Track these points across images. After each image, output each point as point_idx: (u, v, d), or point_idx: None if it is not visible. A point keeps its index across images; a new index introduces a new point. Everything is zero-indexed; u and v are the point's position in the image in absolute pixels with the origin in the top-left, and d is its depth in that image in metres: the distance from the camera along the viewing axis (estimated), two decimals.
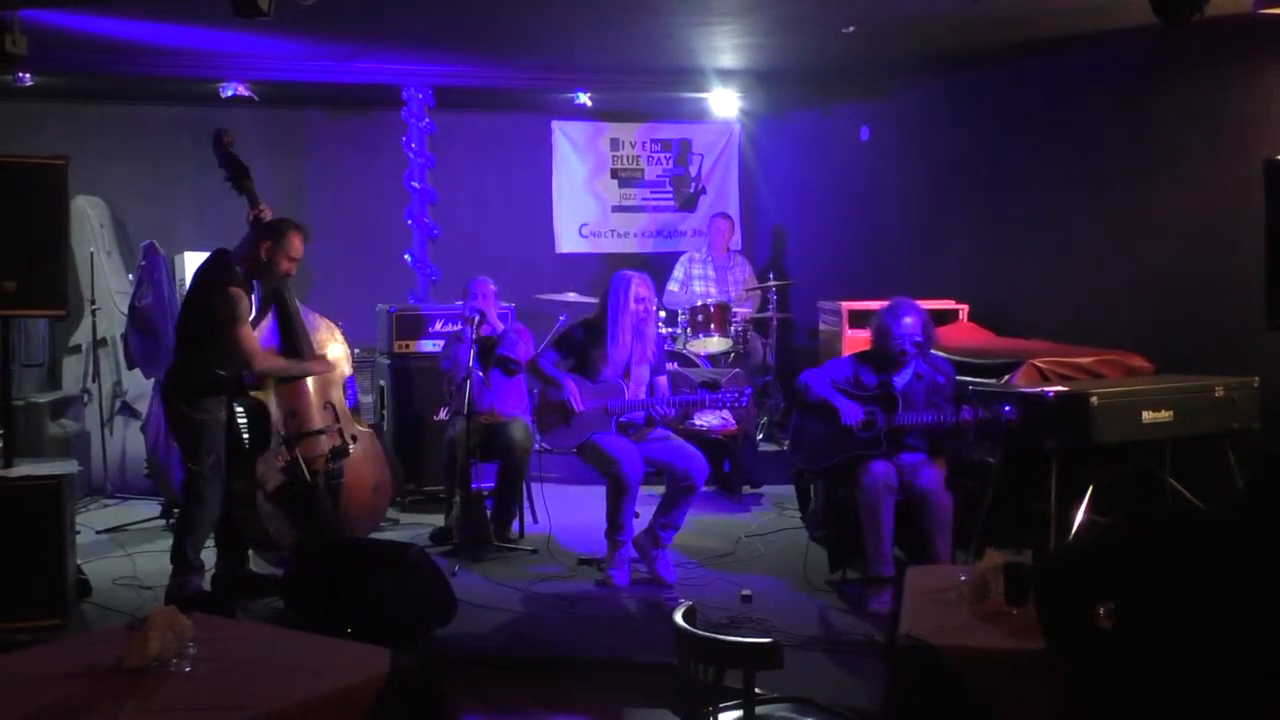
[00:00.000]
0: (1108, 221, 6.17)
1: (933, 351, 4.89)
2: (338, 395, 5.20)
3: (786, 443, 5.82)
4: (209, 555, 4.81)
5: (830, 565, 5.03)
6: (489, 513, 5.63)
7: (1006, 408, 4.48)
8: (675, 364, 6.93)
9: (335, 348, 5.20)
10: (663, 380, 5.30)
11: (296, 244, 4.72)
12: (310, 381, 5.03)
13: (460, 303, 6.10)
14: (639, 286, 5.15)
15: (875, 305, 6.79)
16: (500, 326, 5.85)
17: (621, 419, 5.15)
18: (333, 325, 5.26)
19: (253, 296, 4.73)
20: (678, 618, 2.77)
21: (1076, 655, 2.12)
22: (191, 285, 4.76)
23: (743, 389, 5.04)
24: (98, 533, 5.86)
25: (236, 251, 4.69)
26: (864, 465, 4.70)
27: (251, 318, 4.76)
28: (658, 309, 5.35)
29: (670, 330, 7.39)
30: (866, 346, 5.00)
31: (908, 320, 4.75)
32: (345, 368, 5.23)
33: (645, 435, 5.17)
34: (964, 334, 6.24)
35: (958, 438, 4.71)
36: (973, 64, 6.88)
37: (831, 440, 4.81)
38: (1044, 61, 6.45)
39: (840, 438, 4.78)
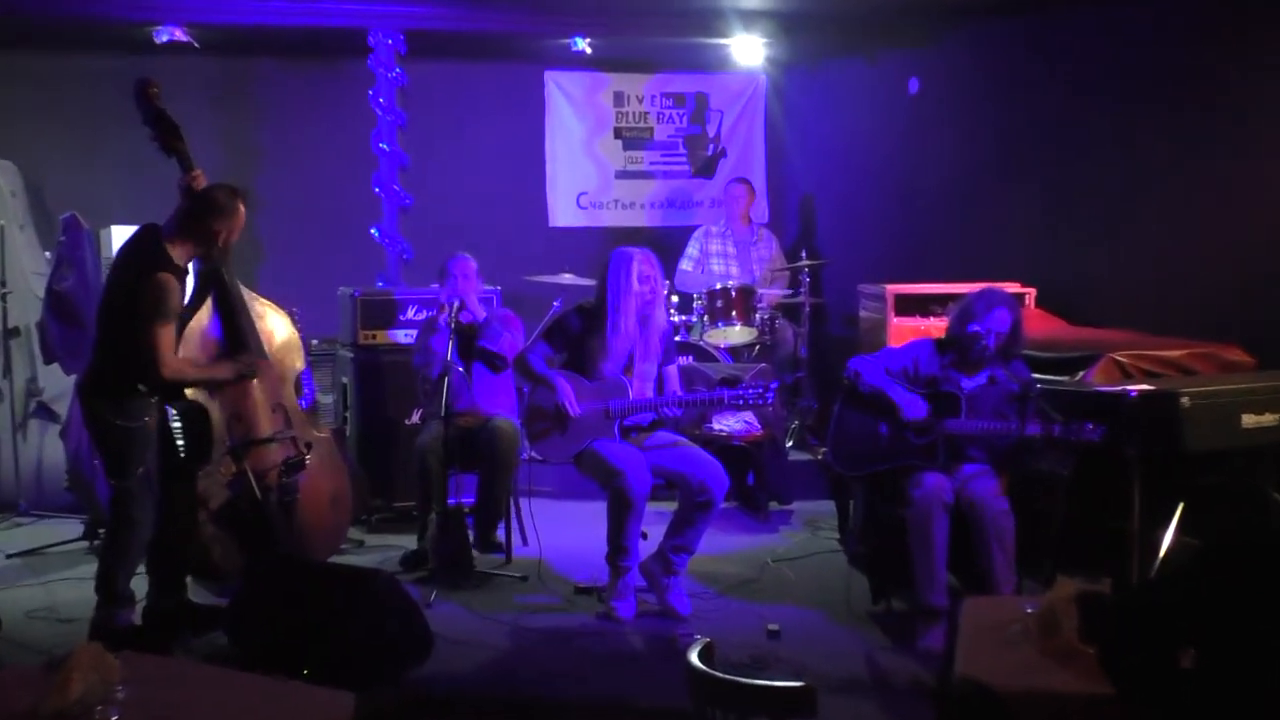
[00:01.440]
0: (1202, 191, 6.14)
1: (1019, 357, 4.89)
2: (290, 395, 5.20)
3: (822, 451, 5.81)
4: (140, 584, 4.81)
5: (872, 594, 5.03)
6: (470, 533, 5.64)
7: (1089, 426, 4.46)
8: (690, 358, 6.94)
9: (285, 337, 5.21)
10: (673, 372, 5.30)
11: (241, 215, 4.71)
12: (256, 380, 5.04)
13: (436, 286, 6.10)
14: (642, 264, 5.15)
15: (925, 289, 6.88)
16: (482, 314, 5.85)
17: (625, 422, 5.15)
18: (284, 312, 5.26)
19: (185, 284, 4.69)
20: (692, 656, 2.77)
21: (1154, 702, 2.11)
22: (115, 265, 4.68)
23: (768, 383, 5.01)
24: (8, 557, 5.87)
25: (168, 226, 4.64)
26: (914, 476, 4.70)
27: (186, 305, 4.75)
28: (666, 290, 5.34)
29: (683, 319, 7.39)
30: (916, 336, 5.00)
31: (1000, 313, 4.75)
32: (298, 362, 5.23)
33: (650, 436, 5.17)
34: (1031, 322, 6.18)
35: (1025, 452, 4.70)
36: (1043, 6, 6.86)
37: (880, 442, 4.81)
38: (1127, 5, 6.42)
39: (890, 440, 4.79)
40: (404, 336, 6.42)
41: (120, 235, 6.60)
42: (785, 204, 9.08)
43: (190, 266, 4.78)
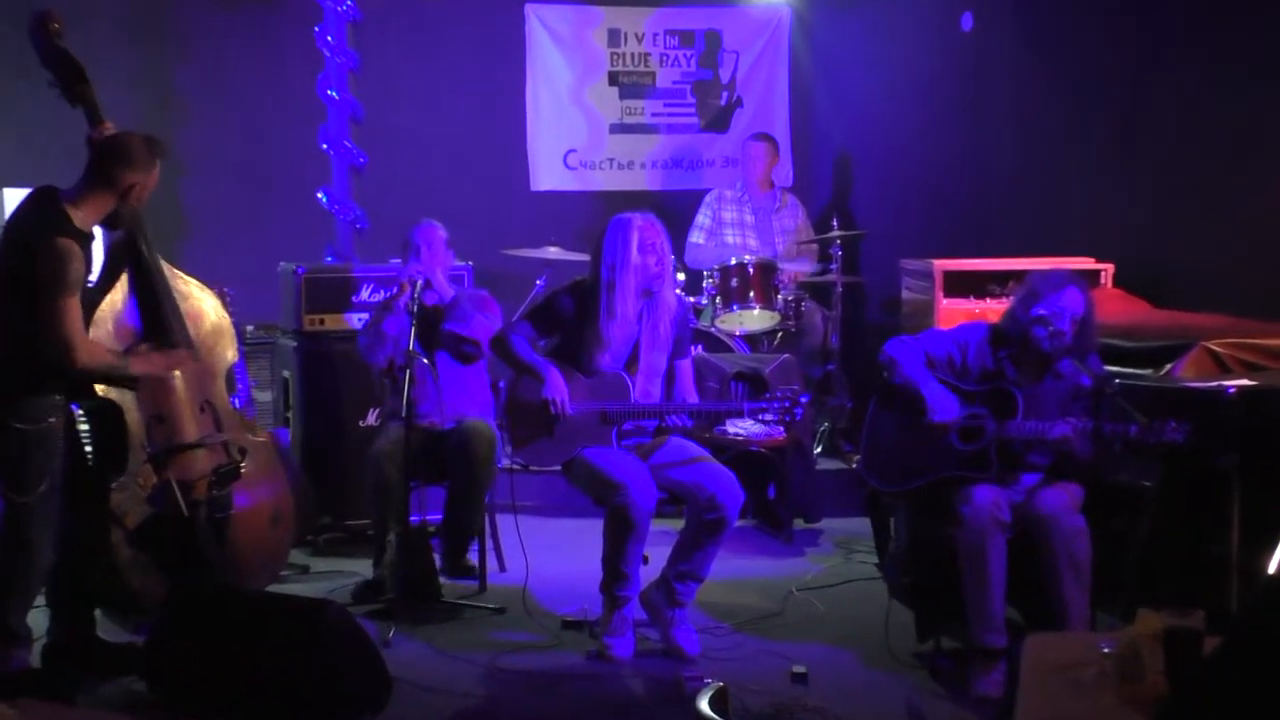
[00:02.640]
0: None
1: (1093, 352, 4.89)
2: (221, 392, 5.20)
3: (856, 459, 5.81)
4: (39, 618, 4.80)
5: (918, 631, 5.03)
6: (436, 556, 5.64)
7: (1172, 424, 4.45)
8: (699, 346, 6.94)
9: (214, 322, 5.19)
10: (687, 368, 5.29)
11: (156, 170, 4.68)
12: (180, 375, 5.03)
13: (397, 261, 6.10)
14: (644, 231, 5.13)
15: (980, 265, 6.87)
16: (451, 293, 5.84)
17: (625, 427, 5.15)
18: (213, 293, 5.25)
19: (90, 254, 4.67)
20: (702, 704, 2.76)
21: None
22: (4, 235, 4.67)
23: (797, 395, 4.99)
24: None
25: (71, 190, 4.61)
26: (964, 491, 4.69)
27: (94, 284, 4.74)
28: (674, 264, 5.32)
29: (693, 300, 7.39)
30: (970, 320, 4.99)
31: (1071, 294, 4.74)
32: (230, 353, 5.21)
33: (655, 449, 5.16)
34: (1107, 305, 6.19)
35: (1099, 459, 4.70)
36: None
37: (921, 450, 4.81)
38: None
39: (933, 447, 4.78)
40: (357, 321, 6.41)
41: (11, 199, 6.61)
42: (813, 164, 9.06)
43: (100, 237, 4.77)
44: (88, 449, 4.86)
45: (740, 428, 6.55)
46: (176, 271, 5.17)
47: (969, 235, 7.57)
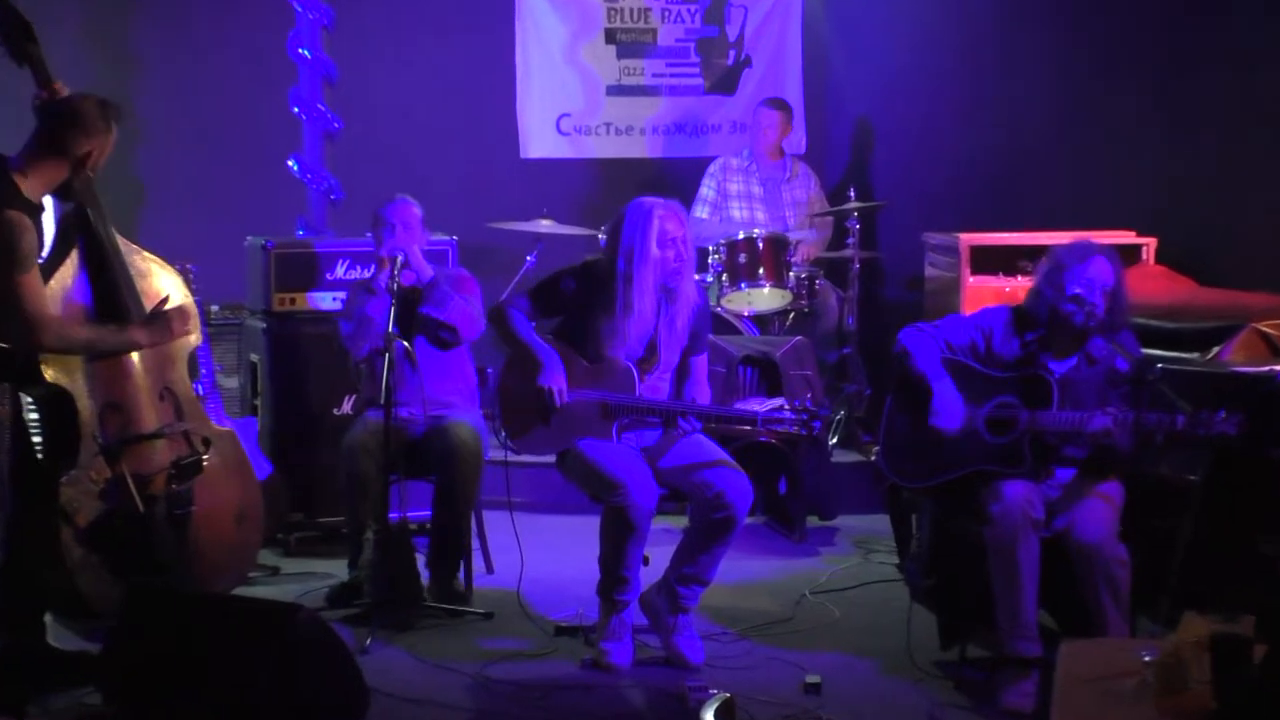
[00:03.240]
0: None
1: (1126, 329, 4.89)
2: (182, 378, 5.19)
3: (875, 450, 5.80)
4: None
5: (942, 638, 5.03)
6: (419, 556, 5.64)
7: (1222, 414, 4.44)
8: None
9: (176, 303, 5.15)
10: (702, 365, 5.31)
11: (113, 135, 4.67)
12: (138, 359, 5.01)
13: (370, 236, 6.08)
14: (665, 221, 5.11)
15: (1010, 239, 6.85)
16: (429, 272, 5.81)
17: (624, 420, 5.16)
18: (174, 270, 5.24)
19: (41, 227, 4.66)
20: (707, 717, 2.76)
21: None
22: None
23: (817, 407, 4.98)
24: None
25: (18, 157, 4.61)
26: (993, 486, 4.69)
27: (43, 259, 4.72)
28: (693, 256, 5.33)
29: (697, 279, 7.36)
30: (999, 301, 4.98)
31: (1099, 265, 4.73)
32: (193, 335, 5.19)
33: (669, 446, 5.16)
34: (1149, 283, 6.21)
35: (1139, 451, 4.69)
36: None
37: (945, 443, 4.81)
38: None
39: (959, 440, 4.78)
40: (331, 301, 6.41)
41: None
42: (829, 129, 9.03)
43: (50, 208, 4.75)
44: (36, 440, 4.86)
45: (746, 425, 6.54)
46: (134, 247, 5.15)
47: (998, 207, 7.56)
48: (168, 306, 5.07)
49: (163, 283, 5.20)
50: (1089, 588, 4.63)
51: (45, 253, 4.81)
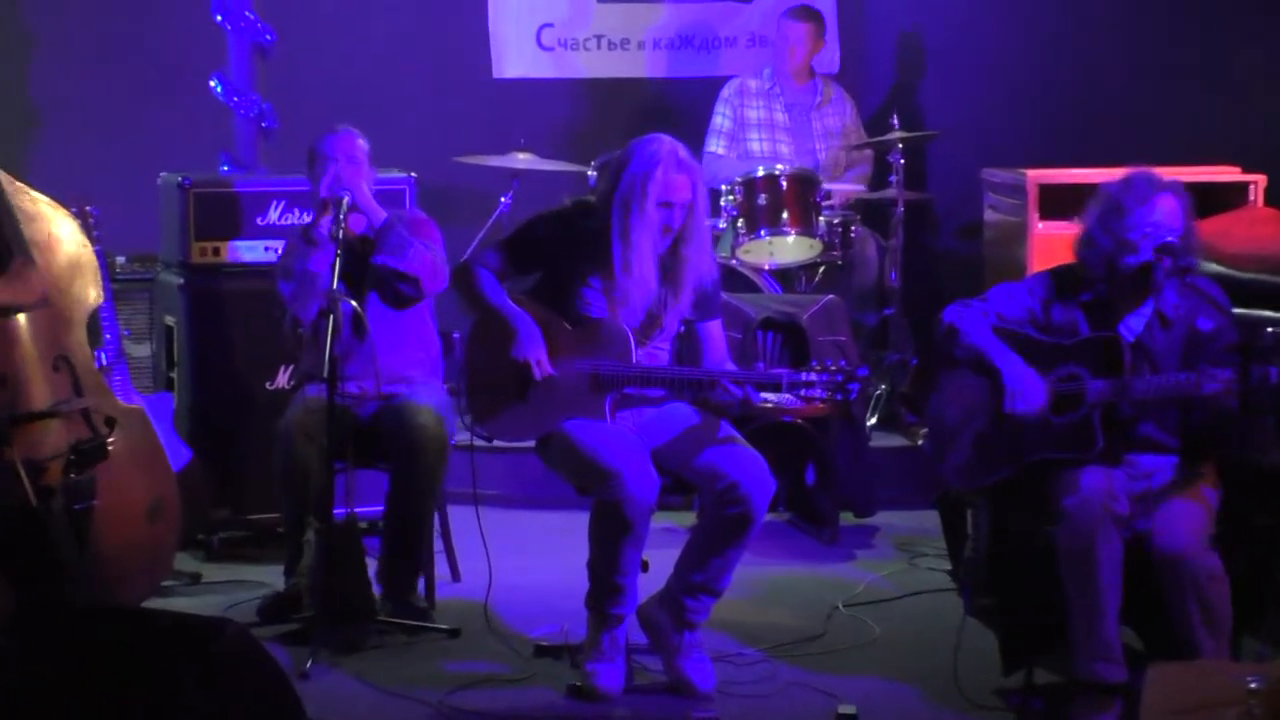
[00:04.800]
0: None
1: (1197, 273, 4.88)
2: (81, 345, 5.18)
3: (923, 432, 5.80)
4: None
5: (1003, 660, 5.02)
6: (371, 562, 5.65)
7: None
8: None
9: (72, 253, 5.16)
10: (716, 332, 5.32)
11: None
12: (25, 321, 5.01)
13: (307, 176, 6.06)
14: (669, 169, 5.08)
15: (1086, 176, 6.79)
16: (382, 214, 5.79)
17: (623, 393, 5.16)
18: (70, 213, 5.22)
19: None
20: None
21: None
22: None
23: (853, 368, 4.97)
24: None
25: None
26: (1067, 476, 4.69)
27: None
28: (707, 215, 5.32)
29: (709, 224, 7.35)
30: (1066, 259, 4.97)
31: (1164, 202, 4.73)
32: (93, 293, 5.18)
33: (654, 421, 5.16)
34: (1258, 228, 6.23)
35: (1240, 431, 4.70)
36: None
37: (1003, 432, 4.81)
38: None
39: (1021, 428, 4.77)
40: (263, 251, 6.41)
41: None
42: (867, 45, 9.00)
43: None
44: None
45: (770, 393, 6.52)
46: (20, 185, 5.15)
47: (1073, 138, 7.55)
48: (61, 258, 5.06)
49: (56, 228, 5.19)
50: (1175, 607, 4.62)
51: None
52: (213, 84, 7.57)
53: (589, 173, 7.27)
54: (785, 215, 7.26)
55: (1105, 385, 4.69)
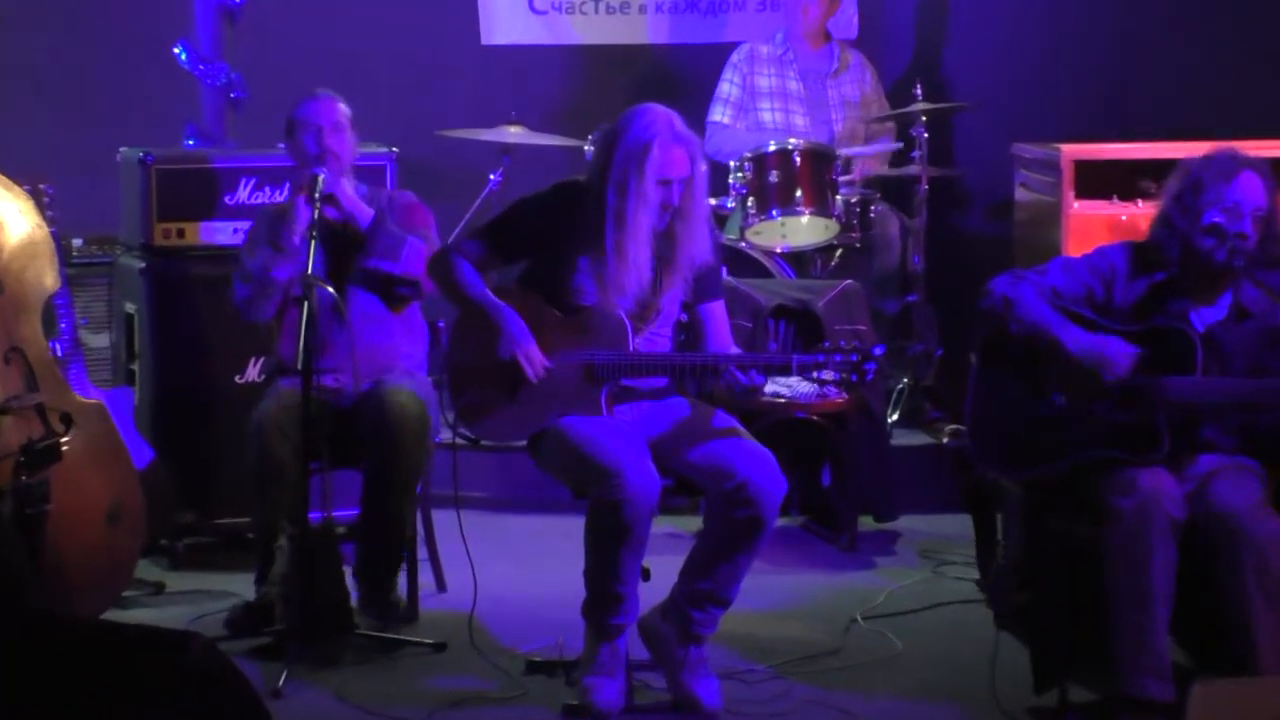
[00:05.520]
0: None
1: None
2: (35, 335, 5.20)
3: (949, 430, 5.81)
4: None
5: (1036, 678, 5.01)
6: (349, 568, 5.66)
7: None
8: (724, 269, 6.89)
9: (24, 235, 5.18)
10: (720, 314, 5.32)
11: None
12: None
13: (285, 147, 6.07)
14: (665, 146, 5.08)
15: (1128, 151, 6.80)
16: (369, 213, 5.77)
17: (621, 385, 5.17)
18: (22, 192, 5.24)
19: None
20: None
21: None
22: None
23: (868, 347, 4.98)
24: None
25: None
26: (1121, 476, 4.70)
27: None
28: (708, 192, 5.33)
29: (715, 203, 7.37)
30: (1111, 238, 4.97)
31: (1247, 182, 4.73)
32: (48, 278, 5.20)
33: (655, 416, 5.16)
34: None
35: None
36: None
37: (1053, 422, 4.81)
38: None
39: (1073, 416, 4.78)
40: (232, 233, 6.42)
41: None
42: (888, 7, 9.00)
43: None
44: None
45: (781, 385, 6.54)
46: None
47: (1112, 109, 7.54)
48: (13, 240, 5.07)
49: (7, 209, 5.19)
50: (1229, 576, 4.60)
51: None
52: (177, 51, 7.56)
53: (585, 147, 7.24)
54: (799, 193, 7.27)
55: (1186, 383, 4.69)
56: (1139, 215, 6.46)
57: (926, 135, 7.56)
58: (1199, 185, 4.76)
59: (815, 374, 5.10)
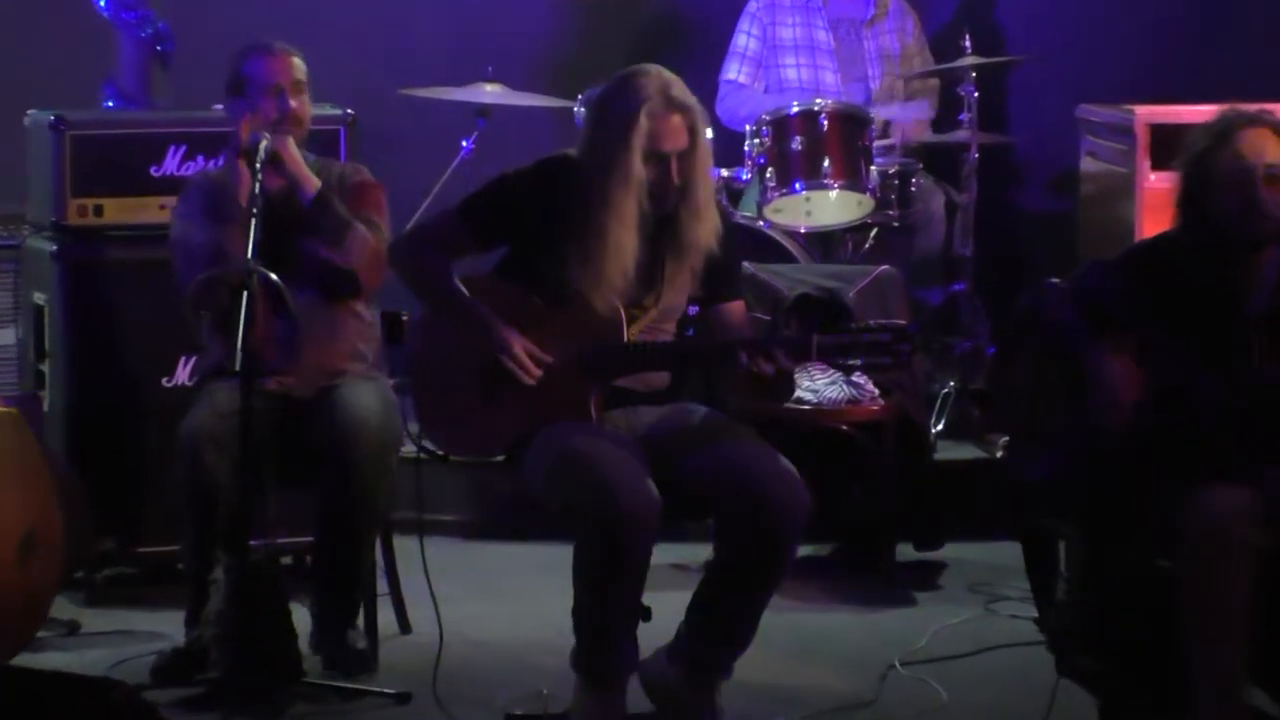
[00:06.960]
0: None
1: None
2: None
3: (1004, 442, 5.82)
4: None
5: None
6: (297, 605, 5.67)
7: None
8: None
9: None
10: (739, 313, 5.35)
11: None
12: None
13: (222, 107, 6.11)
14: (660, 111, 5.09)
15: (1212, 114, 6.82)
16: (314, 183, 5.78)
17: (614, 386, 5.19)
18: None
19: None
20: None
21: None
22: None
23: (902, 326, 5.00)
24: None
25: None
26: (1186, 496, 4.71)
27: None
28: (710, 166, 5.34)
29: (729, 174, 7.40)
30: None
31: (1258, 143, 4.80)
32: None
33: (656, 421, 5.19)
34: None
35: None
36: None
37: (1093, 441, 4.85)
38: None
39: (1116, 437, 4.82)
40: (159, 209, 6.40)
41: None
42: None
43: None
44: None
45: (810, 390, 6.57)
46: None
47: (1193, 65, 7.57)
48: None
49: None
50: None
51: None
52: None
53: (575, 109, 7.25)
54: (827, 164, 7.27)
55: (1222, 385, 4.75)
56: None
57: (976, 95, 7.58)
58: (1224, 138, 4.85)
59: (841, 359, 5.05)
